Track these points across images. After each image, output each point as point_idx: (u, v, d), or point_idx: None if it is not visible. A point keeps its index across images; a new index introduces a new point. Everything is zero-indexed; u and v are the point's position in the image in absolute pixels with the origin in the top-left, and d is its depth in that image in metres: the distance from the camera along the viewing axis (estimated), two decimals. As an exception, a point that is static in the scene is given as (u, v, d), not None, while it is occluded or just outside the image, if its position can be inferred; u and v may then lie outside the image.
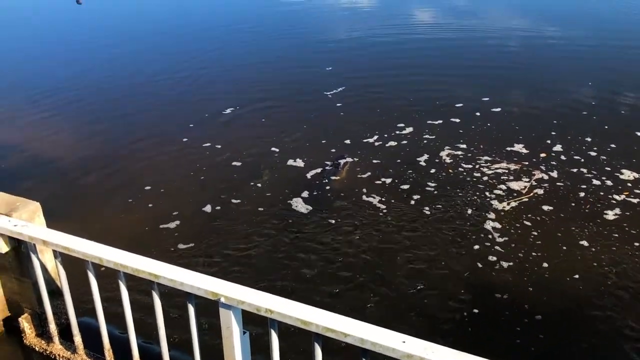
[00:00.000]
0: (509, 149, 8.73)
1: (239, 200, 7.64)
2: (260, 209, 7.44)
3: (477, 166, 8.23)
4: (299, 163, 8.57)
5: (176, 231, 7.02)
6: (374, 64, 13.34)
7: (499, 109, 10.23)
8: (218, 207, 7.51)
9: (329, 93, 11.31)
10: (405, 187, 7.79)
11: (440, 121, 9.82)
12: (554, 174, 7.94)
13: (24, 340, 5.22)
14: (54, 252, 4.56)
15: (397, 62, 13.33)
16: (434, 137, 9.25)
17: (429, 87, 11.53)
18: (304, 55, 14.19)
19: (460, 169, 8.20)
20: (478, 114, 10.06)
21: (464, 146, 8.86)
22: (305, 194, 7.75)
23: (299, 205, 7.50)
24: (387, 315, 5.47)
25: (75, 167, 8.79)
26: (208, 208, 7.51)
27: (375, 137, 9.31)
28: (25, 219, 4.74)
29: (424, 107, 10.48)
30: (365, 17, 18.29)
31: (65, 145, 9.55)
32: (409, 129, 9.55)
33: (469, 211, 7.15)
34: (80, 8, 20.39)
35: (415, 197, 7.54)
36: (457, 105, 10.47)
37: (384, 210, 7.26)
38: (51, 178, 8.41)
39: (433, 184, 7.83)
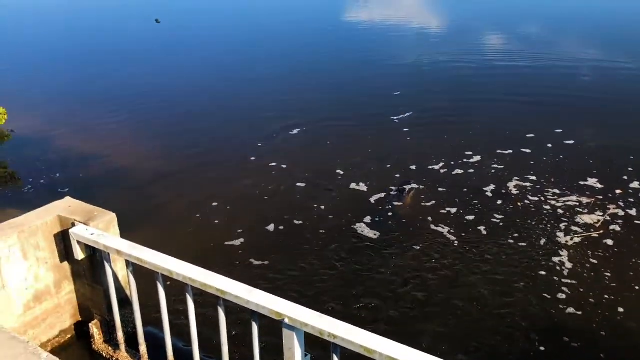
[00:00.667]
0: (581, 183, 8.43)
1: (301, 222, 7.69)
2: (323, 231, 7.46)
3: (547, 199, 7.98)
4: (363, 187, 8.57)
5: (240, 249, 7.13)
6: (443, 89, 13.24)
7: (572, 142, 9.91)
8: (281, 227, 7.58)
9: (395, 118, 11.29)
10: (471, 217, 7.63)
11: (510, 151, 9.60)
12: (632, 212, 7.59)
13: (93, 345, 5.41)
14: (126, 262, 4.72)
15: (467, 89, 13.19)
16: (502, 167, 9.05)
17: (500, 115, 11.33)
18: (372, 79, 14.24)
19: (528, 201, 7.97)
20: (550, 145, 9.78)
21: (534, 178, 8.62)
22: (368, 218, 7.72)
23: (362, 229, 7.47)
24: (449, 345, 5.35)
25: (147, 180, 9.10)
26: (271, 227, 7.59)
27: (441, 165, 9.20)
28: (101, 229, 4.94)
29: (493, 135, 10.30)
30: (436, 42, 18.23)
31: (140, 158, 9.92)
32: (477, 158, 9.39)
33: (538, 245, 6.93)
34: (158, 26, 21.31)
35: (481, 228, 7.37)
36: (529, 135, 10.22)
37: (448, 240, 7.13)
38: (125, 189, 8.74)
39: (500, 216, 7.63)
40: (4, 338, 2.95)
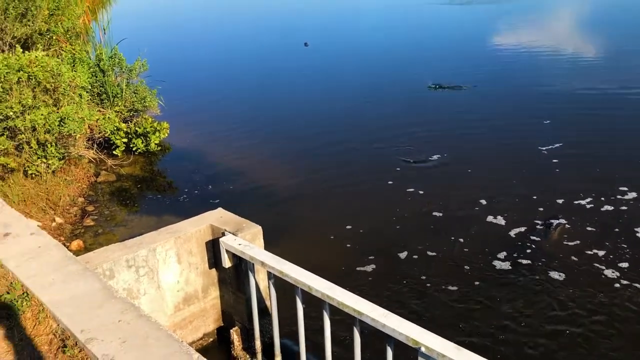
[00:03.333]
0: None
1: (434, 253, 7.50)
2: (458, 262, 7.25)
3: None
4: (504, 219, 8.22)
5: (371, 275, 7.09)
6: (597, 120, 12.38)
7: None
8: (415, 256, 7.46)
9: (544, 148, 10.73)
10: (623, 264, 6.98)
11: (675, 190, 8.73)
12: None
13: (232, 351, 5.69)
14: (269, 273, 4.93)
15: (624, 121, 12.23)
16: (664, 206, 8.25)
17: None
18: (519, 106, 13.69)
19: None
20: None
21: None
22: (508, 252, 7.38)
23: (501, 263, 7.16)
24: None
25: (288, 197, 9.45)
26: (404, 255, 7.48)
27: (590, 200, 8.58)
28: (248, 240, 5.21)
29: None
30: (590, 70, 17.13)
31: (283, 176, 10.34)
32: (632, 194, 8.64)
33: None
34: (307, 49, 22.22)
35: (633, 275, 6.73)
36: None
37: (595, 286, 6.60)
38: (268, 204, 9.14)
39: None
40: (162, 335, 3.21)
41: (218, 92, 16.60)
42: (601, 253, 7.23)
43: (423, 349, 3.64)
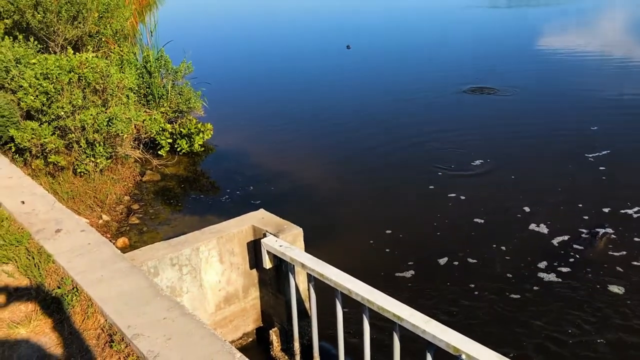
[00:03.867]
0: None
1: (475, 260, 7.40)
2: (500, 271, 7.13)
3: None
4: (547, 227, 8.05)
5: (410, 281, 7.03)
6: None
7: None
8: (456, 263, 7.37)
9: (590, 155, 10.47)
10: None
11: None
12: None
13: (271, 352, 5.75)
14: (309, 275, 4.97)
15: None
16: None
17: None
18: (566, 112, 13.39)
19: None
20: None
21: None
22: (551, 261, 7.23)
23: (543, 272, 7.02)
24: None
25: (328, 199, 9.48)
26: (444, 262, 7.41)
27: (637, 209, 8.33)
28: (289, 241, 5.26)
29: None
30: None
31: (324, 178, 10.37)
32: (685, 205, 8.37)
33: None
34: (349, 52, 22.25)
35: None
36: None
37: (634, 296, 6.41)
38: (308, 206, 9.20)
39: None
40: (206, 333, 3.28)
41: (261, 94, 16.77)
42: (647, 265, 7.03)
43: (464, 357, 3.62)
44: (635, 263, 7.08)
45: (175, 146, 11.33)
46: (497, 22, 29.07)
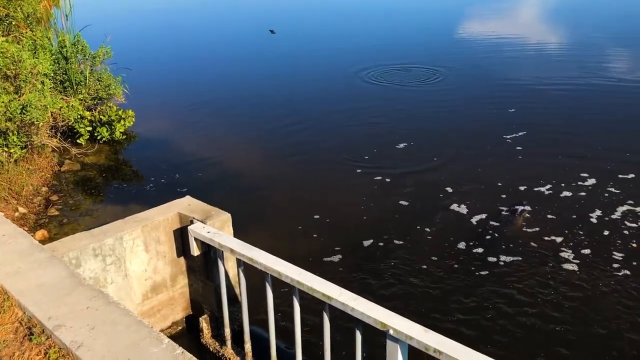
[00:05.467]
0: None
1: (401, 242, 7.56)
2: (424, 250, 7.35)
3: (674, 231, 7.40)
4: (470, 206, 8.37)
5: (338, 265, 7.10)
6: (561, 109, 12.65)
7: None
8: (381, 244, 7.51)
9: (508, 137, 10.94)
10: (584, 250, 7.18)
11: (632, 175, 9.01)
12: None
13: (201, 339, 5.69)
14: (238, 261, 4.94)
15: (588, 109, 12.54)
16: (619, 191, 8.51)
17: (626, 139, 10.61)
18: (485, 95, 13.90)
19: (651, 232, 7.43)
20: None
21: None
22: (473, 238, 7.54)
23: (467, 249, 7.30)
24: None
25: (257, 185, 9.44)
26: (370, 244, 7.52)
27: (551, 187, 8.80)
28: (217, 228, 5.20)
29: (613, 158, 9.69)
30: (556, 60, 17.49)
31: (251, 164, 10.32)
32: (591, 181, 8.90)
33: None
34: (274, 37, 22.09)
35: (591, 260, 6.96)
36: (654, 160, 9.56)
37: (554, 269, 6.80)
38: (236, 192, 9.12)
39: (620, 254, 7.14)
40: (132, 321, 3.19)
41: (184, 80, 16.42)
42: (559, 239, 7.42)
43: (391, 332, 3.71)
44: (546, 238, 7.47)
45: (96, 134, 10.92)
46: (423, 7, 29.64)
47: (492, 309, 6.15)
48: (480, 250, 7.28)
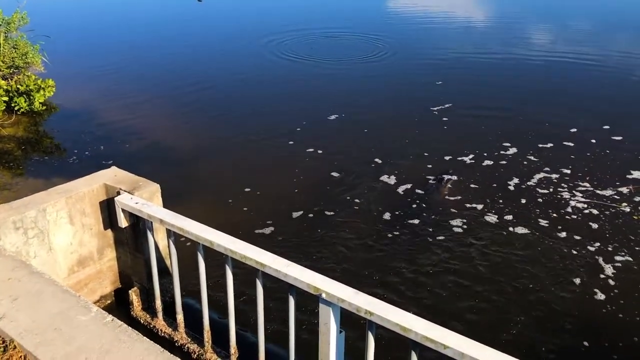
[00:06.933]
0: (629, 176, 8.29)
1: (332, 213, 7.64)
2: (355, 220, 7.47)
3: (589, 192, 7.87)
4: (397, 176, 8.56)
5: (270, 238, 7.08)
6: (486, 81, 13.11)
7: (619, 137, 9.73)
8: (311, 215, 7.56)
9: (435, 109, 11.22)
10: (507, 216, 7.53)
11: (551, 144, 9.49)
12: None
13: (131, 312, 5.58)
14: (168, 231, 4.84)
15: (512, 82, 13.06)
16: (537, 159, 8.96)
17: (546, 110, 11.14)
18: (413, 68, 14.17)
19: (562, 194, 7.87)
20: (594, 140, 9.63)
21: (569, 172, 8.51)
22: (402, 206, 7.73)
23: (396, 218, 7.49)
24: (485, 331, 5.35)
25: (187, 157, 9.26)
26: (301, 217, 7.56)
27: (474, 156, 9.13)
28: (145, 198, 5.07)
29: (534, 129, 10.16)
30: (482, 34, 18.01)
31: (181, 135, 10.09)
32: (513, 150, 9.30)
33: (572, 239, 6.86)
34: (200, 5, 21.51)
35: (513, 223, 7.33)
36: (572, 130, 10.08)
37: (479, 233, 7.12)
38: (166, 164, 8.91)
39: (535, 218, 7.55)
40: (57, 290, 3.09)
41: (106, 49, 15.78)
42: (480, 206, 7.73)
43: (324, 295, 3.77)
44: (468, 205, 7.77)
45: (13, 105, 10.35)
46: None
47: (420, 272, 6.36)
48: (407, 217, 7.48)
